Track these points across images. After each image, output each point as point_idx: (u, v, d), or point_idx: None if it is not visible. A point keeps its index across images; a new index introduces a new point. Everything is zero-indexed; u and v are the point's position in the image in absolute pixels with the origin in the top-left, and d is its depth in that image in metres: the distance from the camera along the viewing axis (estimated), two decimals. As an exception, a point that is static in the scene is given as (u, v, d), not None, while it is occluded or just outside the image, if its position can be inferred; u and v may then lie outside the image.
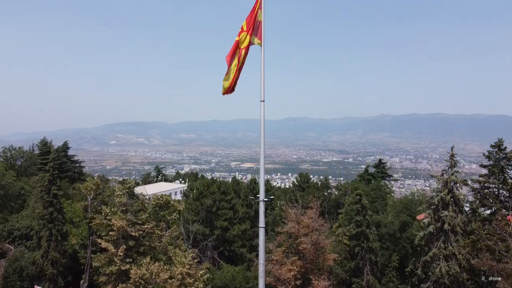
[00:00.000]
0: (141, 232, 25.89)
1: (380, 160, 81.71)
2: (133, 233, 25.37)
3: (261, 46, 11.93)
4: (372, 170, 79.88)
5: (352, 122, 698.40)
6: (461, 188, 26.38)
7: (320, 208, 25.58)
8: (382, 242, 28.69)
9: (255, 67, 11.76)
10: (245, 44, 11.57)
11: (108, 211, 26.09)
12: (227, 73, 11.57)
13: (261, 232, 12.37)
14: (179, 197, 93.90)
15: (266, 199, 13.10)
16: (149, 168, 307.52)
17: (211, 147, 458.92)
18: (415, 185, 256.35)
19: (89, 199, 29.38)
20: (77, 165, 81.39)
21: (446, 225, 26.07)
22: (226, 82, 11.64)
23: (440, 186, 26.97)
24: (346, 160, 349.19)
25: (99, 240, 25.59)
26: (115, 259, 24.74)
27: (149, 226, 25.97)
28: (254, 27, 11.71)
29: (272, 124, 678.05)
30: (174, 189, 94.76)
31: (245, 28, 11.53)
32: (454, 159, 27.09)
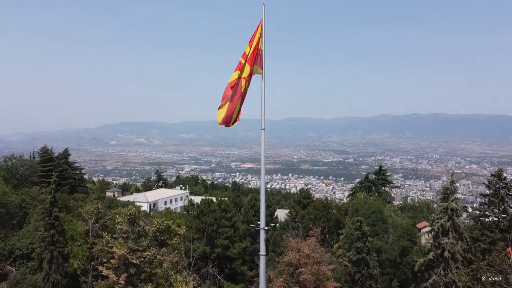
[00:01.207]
0: (142, 259, 25.99)
1: (380, 167, 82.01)
2: (134, 261, 25.46)
3: (262, 75, 11.82)
4: (373, 176, 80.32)
5: (353, 122, 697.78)
6: (461, 216, 26.46)
7: (320, 236, 25.65)
8: (382, 268, 28.81)
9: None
10: (247, 74, 11.37)
11: (109, 238, 26.16)
12: (225, 103, 11.26)
13: (262, 260, 11.88)
14: (180, 203, 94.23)
15: (267, 228, 12.96)
16: (150, 168, 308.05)
17: (212, 147, 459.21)
18: (415, 185, 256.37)
19: (90, 223, 29.47)
20: (78, 171, 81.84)
21: (446, 253, 26.16)
22: (222, 111, 11.37)
23: (440, 213, 27.04)
24: (346, 161, 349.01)
25: (100, 267, 25.68)
26: (116, 287, 24.83)
27: (150, 253, 26.07)
28: (256, 56, 11.60)
29: (272, 124, 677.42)
30: (174, 195, 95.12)
31: (249, 56, 11.28)
32: (454, 185, 27.16)
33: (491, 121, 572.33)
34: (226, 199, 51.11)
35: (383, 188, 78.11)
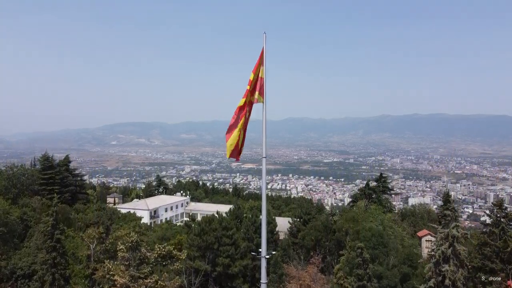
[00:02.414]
0: (144, 287, 26.09)
1: (381, 174, 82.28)
2: (135, 289, 25.56)
3: (263, 103, 11.85)
4: (373, 183, 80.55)
5: (353, 122, 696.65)
6: (462, 244, 26.48)
7: (322, 264, 25.74)
8: (383, 294, 28.93)
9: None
10: (249, 101, 11.41)
11: (110, 266, 26.25)
12: (233, 133, 11.23)
13: (263, 289, 11.81)
14: (180, 210, 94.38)
15: (267, 256, 12.94)
16: (150, 168, 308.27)
17: (212, 148, 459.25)
18: (416, 186, 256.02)
19: (91, 247, 29.55)
20: (79, 178, 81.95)
21: (447, 280, 26.18)
22: (232, 145, 11.34)
23: (441, 239, 27.06)
24: (347, 161, 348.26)
25: (102, 295, 25.85)
26: (118, 315, 24.94)
27: (152, 280, 26.18)
28: (257, 84, 11.68)
29: (273, 125, 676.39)
30: (175, 202, 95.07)
31: (252, 85, 11.32)
32: (456, 212, 27.20)
33: (491, 121, 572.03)
34: (228, 210, 50.91)
35: (384, 195, 78.33)
